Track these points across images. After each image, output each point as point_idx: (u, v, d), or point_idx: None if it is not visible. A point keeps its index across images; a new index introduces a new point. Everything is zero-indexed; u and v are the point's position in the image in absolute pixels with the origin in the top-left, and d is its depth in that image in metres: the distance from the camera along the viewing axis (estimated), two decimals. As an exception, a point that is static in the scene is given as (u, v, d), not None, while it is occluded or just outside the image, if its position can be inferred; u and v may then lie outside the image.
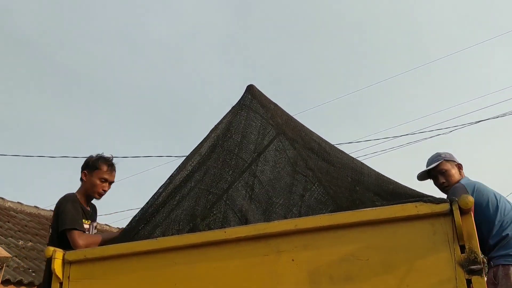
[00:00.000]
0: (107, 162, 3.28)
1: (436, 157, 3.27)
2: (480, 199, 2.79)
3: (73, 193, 3.24)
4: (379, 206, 2.37)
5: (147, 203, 2.93)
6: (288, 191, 3.17)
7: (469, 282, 2.06)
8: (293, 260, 2.37)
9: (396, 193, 2.45)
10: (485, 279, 2.11)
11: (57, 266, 2.74)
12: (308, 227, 2.40)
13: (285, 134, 3.16)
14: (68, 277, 2.75)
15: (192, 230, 2.90)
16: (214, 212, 3.03)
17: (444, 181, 3.06)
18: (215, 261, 2.51)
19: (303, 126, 2.99)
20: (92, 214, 3.34)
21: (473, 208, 2.12)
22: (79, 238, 2.97)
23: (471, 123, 9.21)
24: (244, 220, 2.95)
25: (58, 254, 2.77)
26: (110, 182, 3.28)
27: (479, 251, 2.10)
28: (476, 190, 2.88)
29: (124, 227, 2.98)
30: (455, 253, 2.11)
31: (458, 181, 3.02)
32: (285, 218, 2.95)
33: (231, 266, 2.47)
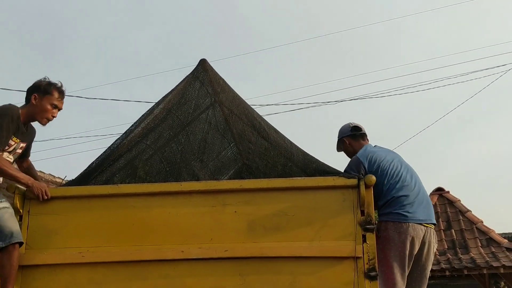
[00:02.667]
0: (59, 89, 3.25)
1: None
2: (372, 169, 3.27)
3: (17, 108, 3.14)
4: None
5: (104, 152, 3.30)
6: (210, 150, 3.81)
7: (364, 237, 2.89)
8: (235, 212, 3.00)
9: (318, 170, 3.19)
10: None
11: (18, 201, 3.03)
12: (250, 187, 3.03)
13: (225, 107, 3.73)
14: (28, 211, 3.05)
15: (134, 176, 3.39)
16: (157, 165, 3.54)
17: (349, 158, 3.65)
18: (169, 207, 3.03)
19: (246, 103, 3.57)
20: (27, 135, 3.27)
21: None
22: None
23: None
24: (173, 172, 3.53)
25: (19, 190, 3.05)
26: (60, 109, 3.26)
27: (374, 215, 2.94)
28: (369, 161, 3.32)
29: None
30: (357, 215, 2.93)
31: (357, 152, 3.46)
32: (203, 171, 3.59)
33: (183, 212, 3.02)
